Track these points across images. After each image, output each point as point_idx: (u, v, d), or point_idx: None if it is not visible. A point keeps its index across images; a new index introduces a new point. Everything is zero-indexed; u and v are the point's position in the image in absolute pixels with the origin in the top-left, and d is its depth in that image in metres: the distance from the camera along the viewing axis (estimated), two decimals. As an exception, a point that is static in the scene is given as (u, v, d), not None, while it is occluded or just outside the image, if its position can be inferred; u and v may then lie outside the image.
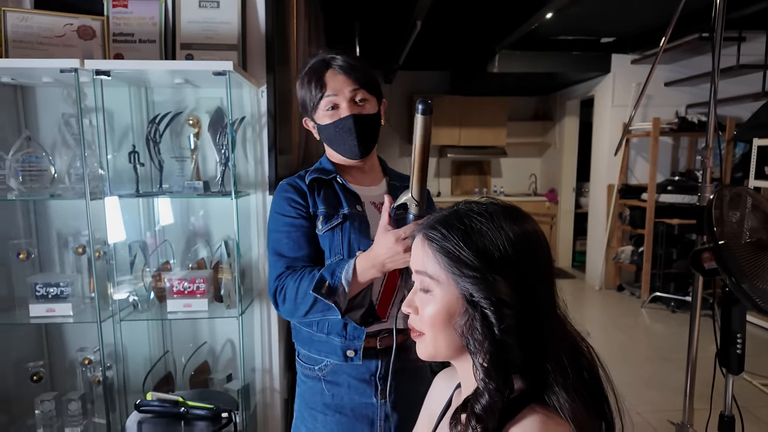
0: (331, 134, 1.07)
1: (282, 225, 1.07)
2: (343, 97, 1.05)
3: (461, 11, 3.73)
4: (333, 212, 1.07)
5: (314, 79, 1.06)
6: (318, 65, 1.07)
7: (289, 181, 1.11)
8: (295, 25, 2.30)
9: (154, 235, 1.74)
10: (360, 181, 1.14)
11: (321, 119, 1.08)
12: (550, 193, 6.22)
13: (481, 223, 0.63)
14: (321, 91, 1.05)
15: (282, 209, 1.08)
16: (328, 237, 1.06)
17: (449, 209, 0.68)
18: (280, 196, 1.10)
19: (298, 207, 1.07)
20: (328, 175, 1.11)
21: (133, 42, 1.67)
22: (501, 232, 0.62)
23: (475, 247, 0.61)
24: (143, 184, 1.69)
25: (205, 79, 1.56)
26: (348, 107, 1.05)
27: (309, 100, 1.07)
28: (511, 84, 5.38)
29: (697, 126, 4.47)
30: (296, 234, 1.06)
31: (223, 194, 1.56)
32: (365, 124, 1.07)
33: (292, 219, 1.06)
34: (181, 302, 1.57)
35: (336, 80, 1.05)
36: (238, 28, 1.67)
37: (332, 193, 1.10)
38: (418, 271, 0.66)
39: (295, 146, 2.40)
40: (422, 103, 0.87)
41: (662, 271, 4.47)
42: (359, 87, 1.06)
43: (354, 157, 1.09)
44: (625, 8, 3.70)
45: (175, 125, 1.71)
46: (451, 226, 0.64)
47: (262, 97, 1.76)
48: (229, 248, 1.66)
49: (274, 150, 1.76)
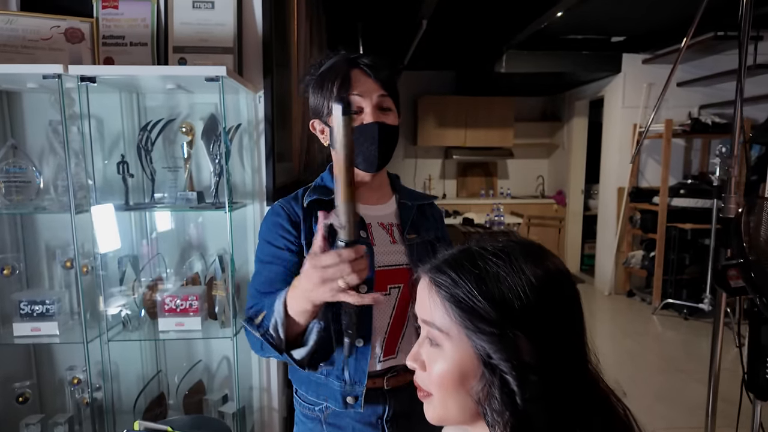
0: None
1: (265, 254, 0.95)
2: (369, 101, 0.93)
3: (468, 10, 3.63)
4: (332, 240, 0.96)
5: (337, 78, 0.93)
6: (341, 63, 0.95)
7: (283, 204, 0.98)
8: (296, 26, 2.21)
9: (147, 247, 1.66)
10: (366, 199, 1.01)
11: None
12: (558, 195, 6.11)
13: (498, 266, 0.53)
14: (346, 90, 0.92)
15: (269, 236, 0.96)
16: None
17: (459, 248, 0.59)
18: (270, 220, 0.97)
19: (287, 237, 0.94)
20: (329, 195, 0.96)
21: (123, 45, 1.59)
22: (521, 276, 0.53)
23: (492, 296, 0.52)
24: (134, 194, 1.61)
25: (198, 84, 1.47)
26: (372, 113, 0.93)
27: (326, 100, 0.94)
28: (518, 84, 5.27)
29: (711, 127, 4.34)
30: (276, 268, 0.93)
31: (217, 207, 1.48)
32: (388, 136, 0.95)
33: (276, 249, 0.94)
34: (174, 321, 1.49)
35: (363, 82, 0.93)
36: (234, 30, 1.58)
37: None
38: (425, 321, 0.57)
39: (296, 152, 2.32)
40: (339, 100, 0.69)
41: (674, 277, 4.35)
42: (387, 94, 0.96)
43: (369, 169, 0.97)
44: (637, 6, 3.58)
45: (168, 132, 1.63)
46: (462, 270, 0.54)
47: (259, 103, 1.67)
48: (224, 263, 1.57)
49: (272, 158, 1.67)
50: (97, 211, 1.45)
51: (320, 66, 1.00)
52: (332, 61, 0.98)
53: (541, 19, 3.40)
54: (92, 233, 1.44)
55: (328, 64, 0.98)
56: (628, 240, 4.85)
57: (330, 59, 0.99)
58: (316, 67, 1.01)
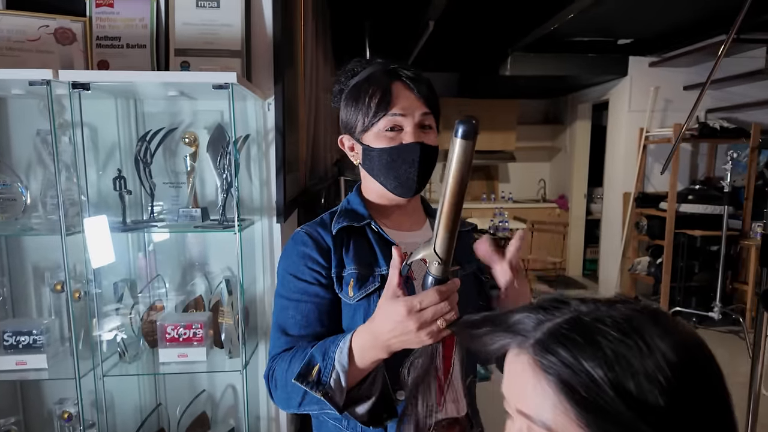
0: (385, 162, 0.84)
1: (292, 290, 0.84)
2: (411, 119, 0.83)
3: (475, 12, 3.52)
4: (367, 273, 0.83)
5: (377, 92, 0.83)
6: (380, 75, 0.84)
7: (309, 231, 0.87)
8: (302, 25, 2.08)
9: (145, 268, 1.52)
10: (399, 224, 0.91)
11: (375, 141, 0.84)
12: (560, 200, 6.01)
13: (624, 345, 0.41)
14: (386, 107, 0.82)
15: (294, 269, 0.85)
16: (363, 307, 0.82)
17: (562, 313, 0.46)
18: (296, 251, 0.86)
19: (316, 269, 0.84)
20: (360, 221, 0.87)
21: (119, 47, 1.45)
22: (656, 359, 0.40)
23: (624, 389, 0.39)
24: (132, 209, 1.47)
25: (203, 90, 1.34)
26: (414, 133, 0.83)
27: (363, 115, 0.84)
28: (520, 86, 5.17)
29: (719, 132, 4.26)
30: (307, 306, 0.83)
31: (225, 226, 1.34)
32: (428, 158, 0.84)
33: (305, 284, 0.83)
34: (176, 351, 1.35)
35: (405, 97, 0.83)
36: (242, 31, 1.45)
37: (365, 245, 0.86)
38: (524, 413, 0.44)
39: (303, 160, 2.18)
40: (465, 123, 0.61)
41: (683, 285, 4.26)
42: (429, 111, 0.85)
43: (406, 194, 0.86)
44: (646, 9, 3.49)
45: (169, 142, 1.49)
46: (580, 350, 0.41)
47: (269, 110, 1.53)
48: (231, 286, 1.43)
49: (283, 171, 1.53)
50: (91, 231, 1.31)
51: (353, 74, 0.89)
52: (369, 70, 0.86)
53: (552, 22, 3.29)
54: (85, 255, 1.30)
55: (364, 74, 0.86)
56: (634, 246, 4.76)
57: (365, 68, 0.87)
58: (348, 75, 0.89)
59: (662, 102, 4.60)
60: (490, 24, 3.89)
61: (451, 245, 0.66)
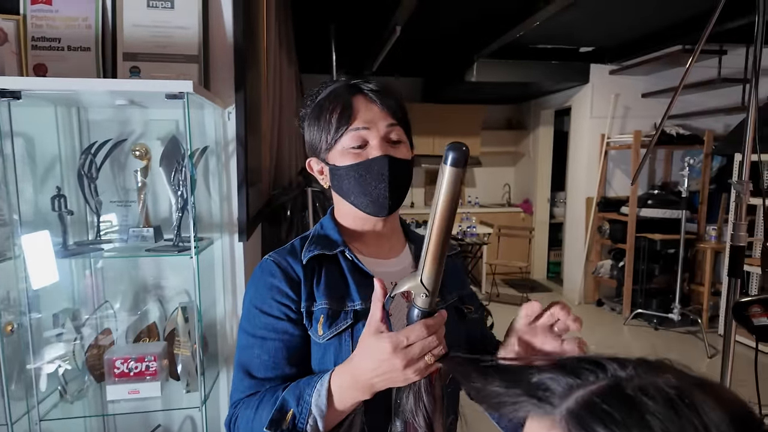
0: (353, 180, 0.77)
1: (258, 326, 0.76)
2: (376, 132, 0.76)
3: (442, 18, 3.49)
4: (339, 308, 0.75)
5: (337, 107, 0.77)
6: (341, 90, 0.79)
7: (277, 260, 0.79)
8: (265, 27, 1.97)
9: (91, 293, 1.37)
10: (376, 251, 0.83)
11: (340, 159, 0.77)
12: (524, 204, 6.09)
13: (677, 426, 0.34)
14: (347, 122, 0.76)
15: (261, 302, 0.76)
16: (334, 347, 0.74)
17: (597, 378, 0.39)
18: (263, 281, 0.77)
19: (285, 303, 0.76)
20: (333, 248, 0.79)
21: (59, 49, 1.30)
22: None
23: None
24: (76, 228, 1.32)
25: (156, 99, 1.22)
26: (380, 146, 0.76)
27: (325, 133, 0.77)
28: (485, 92, 5.20)
29: (676, 139, 4.41)
30: (275, 345, 0.75)
31: (180, 249, 1.22)
32: (400, 171, 0.77)
33: (273, 320, 0.75)
34: (126, 388, 1.22)
35: (369, 110, 0.77)
36: (199, 34, 1.33)
37: (338, 276, 0.78)
38: None
39: (266, 170, 2.07)
40: (455, 150, 0.58)
41: (644, 287, 4.37)
42: (396, 123, 0.78)
43: (380, 213, 0.78)
44: (607, 18, 3.57)
45: (118, 155, 1.35)
46: (623, 427, 0.34)
47: (229, 119, 1.42)
48: (187, 312, 1.31)
49: (246, 185, 1.42)
50: (27, 253, 1.16)
51: (317, 96, 0.82)
52: (331, 87, 0.80)
53: (517, 29, 3.30)
54: (19, 283, 1.15)
55: (326, 91, 0.80)
56: (597, 249, 4.86)
57: (328, 86, 0.81)
58: (312, 98, 0.82)
59: (622, 109, 4.72)
60: (457, 30, 3.87)
61: (438, 276, 0.63)
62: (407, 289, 0.63)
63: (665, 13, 3.45)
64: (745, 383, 2.11)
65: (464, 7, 3.31)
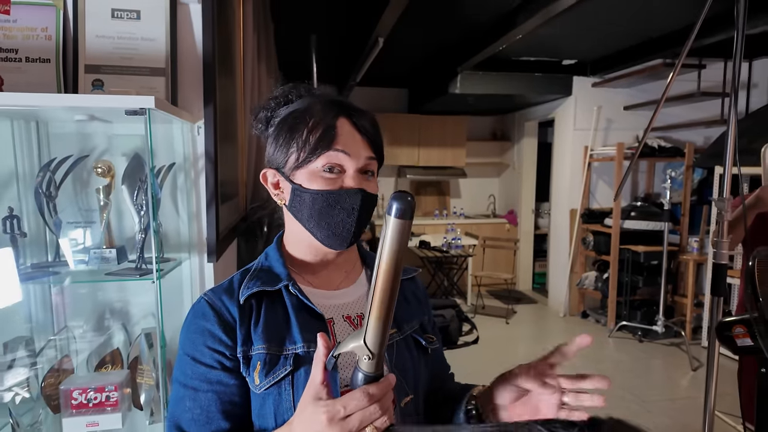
0: (319, 207, 0.70)
1: (189, 376, 0.69)
2: (355, 161, 0.71)
3: (425, 30, 3.48)
4: (278, 352, 0.68)
5: (319, 126, 0.70)
6: (324, 107, 0.72)
7: (211, 300, 0.72)
8: (241, 38, 1.92)
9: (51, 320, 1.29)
10: (327, 281, 0.77)
11: (309, 181, 0.71)
12: (509, 215, 6.09)
13: None
14: (329, 144, 0.69)
15: (192, 349, 0.69)
16: (273, 396, 0.67)
17: None
18: (195, 325, 0.70)
19: (219, 349, 0.69)
20: (275, 283, 0.73)
21: (17, 60, 1.24)
22: None
23: None
24: (33, 249, 1.25)
25: (119, 114, 1.16)
26: (355, 177, 0.71)
27: (298, 150, 0.71)
28: (469, 103, 5.21)
29: (658, 151, 4.45)
30: (207, 397, 0.68)
31: (143, 273, 1.15)
32: (368, 208, 0.72)
33: (205, 369, 0.68)
34: (84, 420, 1.14)
35: (351, 137, 0.71)
36: (167, 46, 1.28)
37: (279, 315, 0.71)
38: None
39: (243, 185, 2.01)
40: (399, 200, 0.53)
41: (628, 299, 4.38)
42: (375, 156, 0.73)
43: (338, 246, 0.72)
44: (589, 32, 3.60)
45: (80, 172, 1.28)
46: None
47: (198, 134, 1.36)
48: (151, 338, 1.24)
49: (216, 202, 1.36)
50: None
51: (285, 102, 0.75)
52: (308, 100, 0.73)
53: (500, 42, 3.30)
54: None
55: (301, 103, 0.74)
56: (581, 261, 4.86)
57: (303, 97, 0.75)
58: (279, 102, 0.76)
59: (604, 121, 4.75)
60: (441, 43, 3.87)
61: (384, 337, 0.57)
62: (350, 350, 0.57)
63: (646, 28, 3.49)
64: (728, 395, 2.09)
65: (447, 20, 3.31)
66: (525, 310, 5.21)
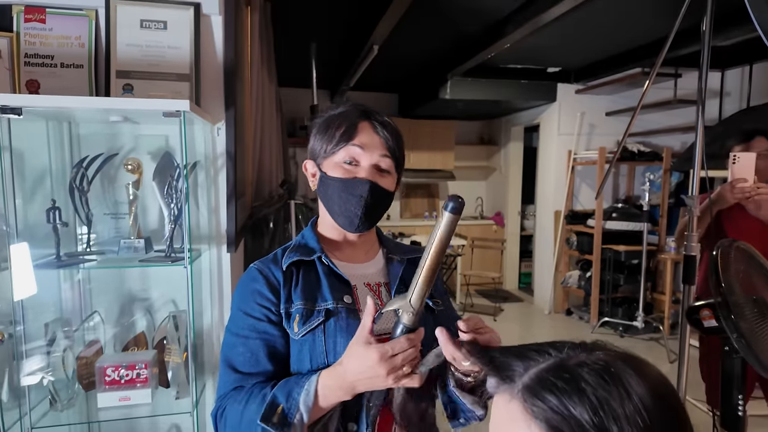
0: (335, 192, 0.86)
1: (241, 327, 0.84)
2: (369, 156, 0.85)
3: (418, 39, 3.63)
4: (312, 307, 0.84)
5: (343, 124, 0.86)
6: (353, 113, 0.88)
7: (260, 267, 0.88)
8: (249, 46, 2.04)
9: (80, 303, 1.40)
10: (351, 256, 0.93)
11: (331, 169, 0.87)
12: (496, 216, 6.27)
13: (606, 391, 0.43)
14: (348, 139, 0.85)
15: (245, 305, 0.85)
16: (309, 342, 0.82)
17: (547, 360, 0.48)
18: (247, 287, 0.86)
19: (266, 306, 0.84)
20: (310, 255, 0.88)
21: (52, 66, 1.34)
22: (633, 402, 0.43)
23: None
24: (66, 240, 1.35)
25: (148, 115, 1.27)
26: (368, 170, 0.85)
27: (326, 143, 0.87)
28: (458, 108, 5.38)
29: (637, 155, 4.66)
30: (256, 343, 0.83)
31: (173, 260, 1.27)
32: (378, 199, 0.86)
33: (254, 321, 0.83)
34: (117, 395, 1.25)
35: (369, 136, 0.86)
36: (191, 54, 1.40)
37: (314, 280, 0.87)
38: None
39: (249, 184, 2.13)
40: (454, 201, 0.70)
41: (610, 296, 4.57)
42: (389, 155, 0.87)
43: (348, 228, 0.88)
44: (571, 41, 3.78)
45: (108, 169, 1.39)
46: (566, 394, 0.43)
47: (218, 135, 1.48)
48: (178, 321, 1.35)
49: (234, 198, 1.48)
50: (17, 264, 1.19)
51: (330, 108, 0.93)
52: (344, 108, 0.90)
53: (489, 50, 3.47)
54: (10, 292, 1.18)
55: (339, 109, 0.90)
56: (565, 260, 5.05)
57: (342, 106, 0.91)
58: (325, 112, 0.94)
59: (587, 126, 4.96)
60: (432, 51, 4.03)
61: (424, 299, 0.74)
62: (397, 308, 0.74)
63: (626, 38, 3.68)
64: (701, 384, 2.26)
65: (440, 30, 3.46)
66: (512, 308, 5.38)
